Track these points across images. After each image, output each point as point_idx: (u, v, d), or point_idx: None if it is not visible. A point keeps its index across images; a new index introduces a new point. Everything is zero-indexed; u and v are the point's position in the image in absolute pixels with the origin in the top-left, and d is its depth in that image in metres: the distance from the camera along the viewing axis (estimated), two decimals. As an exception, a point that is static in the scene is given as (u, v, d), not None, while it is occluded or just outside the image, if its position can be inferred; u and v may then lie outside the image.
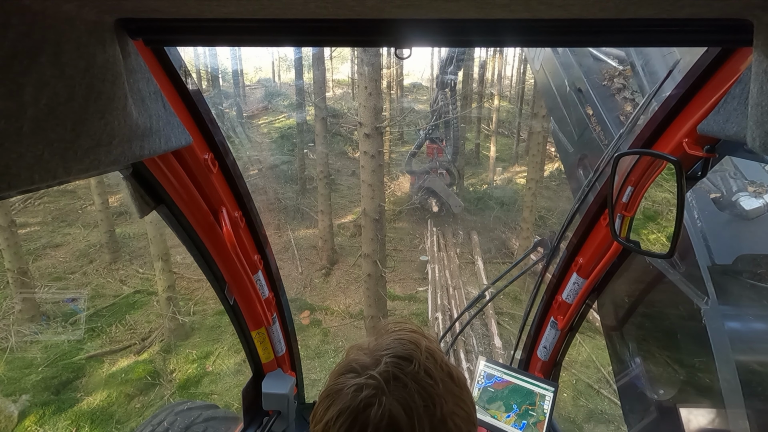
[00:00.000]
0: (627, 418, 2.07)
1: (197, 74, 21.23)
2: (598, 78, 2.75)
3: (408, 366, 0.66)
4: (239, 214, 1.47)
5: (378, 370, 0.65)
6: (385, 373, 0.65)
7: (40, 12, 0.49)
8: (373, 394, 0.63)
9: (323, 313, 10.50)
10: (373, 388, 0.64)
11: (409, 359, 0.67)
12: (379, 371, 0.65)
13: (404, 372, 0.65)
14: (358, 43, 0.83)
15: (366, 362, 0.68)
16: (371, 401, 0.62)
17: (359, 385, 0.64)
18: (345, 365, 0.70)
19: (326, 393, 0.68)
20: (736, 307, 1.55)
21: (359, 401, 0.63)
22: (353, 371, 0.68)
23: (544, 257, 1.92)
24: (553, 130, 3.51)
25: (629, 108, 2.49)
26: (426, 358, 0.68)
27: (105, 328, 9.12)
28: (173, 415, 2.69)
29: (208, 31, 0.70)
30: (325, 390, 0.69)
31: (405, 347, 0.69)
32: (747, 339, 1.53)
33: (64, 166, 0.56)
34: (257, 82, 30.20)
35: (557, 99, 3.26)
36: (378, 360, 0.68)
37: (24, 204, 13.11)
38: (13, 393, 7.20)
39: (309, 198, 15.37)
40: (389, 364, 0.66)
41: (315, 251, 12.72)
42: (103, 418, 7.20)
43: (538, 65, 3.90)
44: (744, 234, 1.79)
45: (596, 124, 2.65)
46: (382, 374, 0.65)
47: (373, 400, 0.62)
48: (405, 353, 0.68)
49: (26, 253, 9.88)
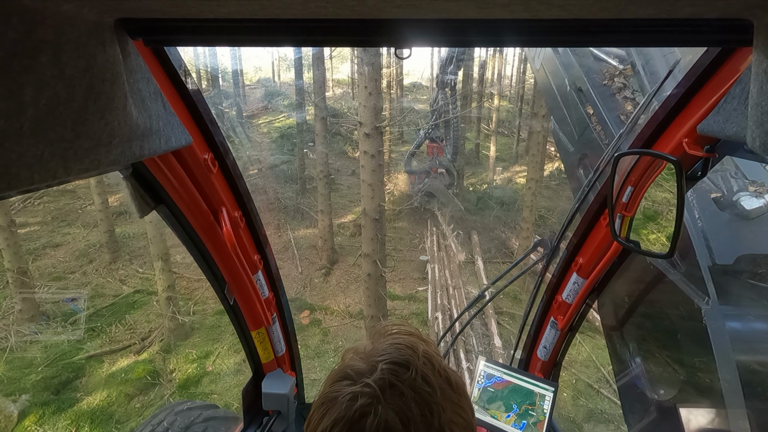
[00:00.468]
0: (627, 417, 2.07)
1: (197, 74, 21.24)
2: (599, 77, 2.75)
3: (405, 373, 0.64)
4: (239, 214, 1.46)
5: (374, 378, 0.64)
6: (381, 381, 0.63)
7: (40, 12, 0.49)
8: (368, 403, 0.61)
9: (323, 313, 10.51)
10: (368, 397, 0.62)
11: (405, 366, 0.65)
12: (375, 379, 0.63)
13: (401, 379, 0.64)
14: (358, 43, 0.83)
15: (361, 368, 0.66)
16: (367, 410, 0.61)
17: (354, 393, 0.63)
18: (340, 371, 0.69)
19: (321, 400, 0.66)
20: (736, 307, 1.55)
21: (354, 411, 0.61)
22: (348, 378, 0.66)
23: (544, 257, 1.92)
24: (554, 130, 3.51)
25: (629, 107, 2.49)
26: (423, 363, 0.66)
27: (105, 327, 9.13)
28: (173, 415, 2.68)
29: (208, 31, 0.70)
30: (320, 397, 0.67)
31: (402, 353, 0.67)
32: (748, 339, 1.52)
33: (64, 166, 0.56)
34: (257, 81, 30.22)
35: (558, 98, 3.26)
36: (374, 366, 0.66)
37: (24, 204, 13.12)
38: (12, 393, 7.21)
39: (309, 198, 15.38)
40: (385, 371, 0.64)
41: (315, 251, 12.73)
42: (103, 417, 7.21)
43: (538, 65, 3.90)
44: (745, 234, 1.79)
45: (597, 123, 2.65)
46: (377, 382, 0.63)
47: (368, 409, 0.61)
48: (402, 359, 0.66)
49: (26, 253, 9.89)
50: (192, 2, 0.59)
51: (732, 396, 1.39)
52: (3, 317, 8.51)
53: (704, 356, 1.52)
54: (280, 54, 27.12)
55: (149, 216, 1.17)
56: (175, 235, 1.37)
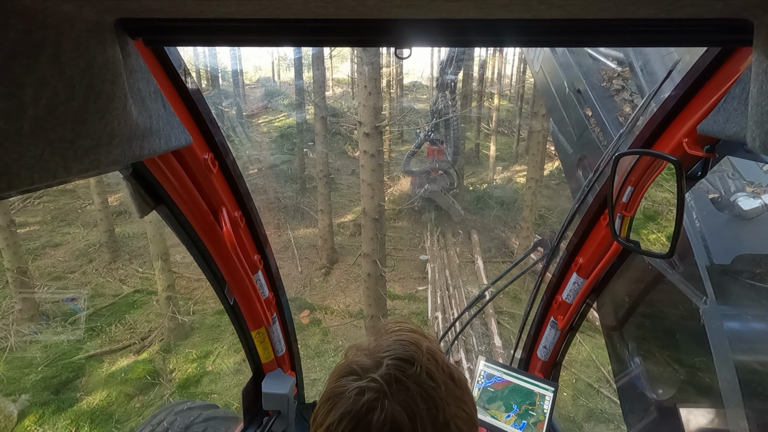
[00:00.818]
0: (627, 417, 2.07)
1: (197, 74, 21.22)
2: (597, 79, 2.74)
3: (410, 368, 0.65)
4: (239, 214, 1.46)
5: (379, 373, 0.64)
6: (387, 376, 0.64)
7: (40, 12, 0.49)
8: (375, 398, 0.62)
9: (323, 313, 10.51)
10: (375, 392, 0.62)
11: (410, 361, 0.66)
12: (381, 374, 0.64)
13: (406, 374, 0.64)
14: (358, 43, 0.83)
15: (367, 364, 0.67)
16: (373, 405, 0.61)
17: (361, 388, 0.63)
18: (345, 367, 0.69)
19: (327, 396, 0.67)
20: (734, 307, 1.56)
21: (361, 405, 0.62)
22: (354, 373, 0.66)
23: (544, 257, 1.93)
24: (553, 131, 3.51)
25: (628, 109, 2.49)
26: (427, 359, 0.67)
27: (104, 327, 9.14)
28: (173, 415, 2.68)
29: (208, 31, 0.70)
30: (326, 392, 0.68)
31: (406, 349, 0.68)
32: (746, 339, 1.53)
33: (64, 166, 0.56)
34: (257, 81, 30.20)
35: (557, 100, 3.25)
36: (379, 362, 0.66)
37: (23, 203, 13.11)
38: (12, 393, 7.21)
39: (309, 197, 15.37)
40: (390, 367, 0.65)
41: (315, 250, 12.72)
42: (103, 417, 7.21)
43: (537, 66, 3.90)
44: (743, 234, 1.78)
45: (595, 125, 2.65)
46: (383, 377, 0.64)
47: (375, 404, 0.61)
48: (406, 355, 0.67)
49: (26, 253, 9.88)
50: (192, 2, 0.59)
51: (730, 395, 1.39)
52: (3, 317, 8.51)
53: (703, 356, 1.51)
54: (280, 54, 27.16)
55: (149, 216, 1.17)
56: (175, 235, 1.37)
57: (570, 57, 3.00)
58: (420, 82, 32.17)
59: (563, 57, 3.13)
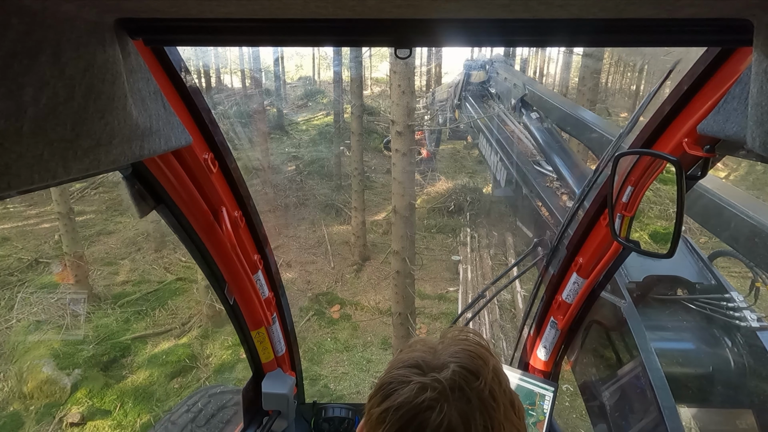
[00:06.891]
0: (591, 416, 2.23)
1: (242, 73, 22.03)
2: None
3: (474, 381, 0.65)
4: (239, 214, 1.47)
5: (443, 376, 0.64)
6: (451, 381, 0.64)
7: (40, 12, 0.49)
8: (435, 398, 0.62)
9: (353, 308, 10.63)
10: (437, 392, 0.62)
11: (476, 374, 0.65)
12: (445, 377, 0.64)
13: (470, 386, 0.64)
14: (358, 43, 0.82)
15: (432, 363, 0.67)
16: (432, 405, 0.61)
17: (424, 384, 0.63)
18: (411, 358, 0.69)
19: (388, 380, 0.67)
20: (645, 306, 2.09)
21: (422, 400, 0.62)
22: (419, 368, 0.66)
23: (544, 257, 1.91)
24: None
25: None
26: (492, 378, 0.66)
27: (149, 311, 9.69)
28: (207, 397, 2.85)
29: (209, 31, 0.71)
30: (387, 377, 0.68)
31: (474, 361, 0.67)
32: (658, 327, 2.03)
33: (64, 166, 0.56)
34: (298, 79, 30.84)
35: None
36: (445, 365, 0.66)
37: (81, 193, 14.18)
38: (66, 367, 7.84)
39: (344, 194, 15.57)
40: (456, 374, 0.65)
41: (347, 247, 12.88)
42: (145, 395, 7.69)
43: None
44: (651, 261, 2.18)
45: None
46: (447, 381, 0.63)
47: (434, 404, 0.61)
48: (473, 367, 0.66)
49: (82, 239, 10.68)
50: (192, 2, 0.60)
51: (654, 373, 1.67)
52: (60, 297, 9.27)
53: (629, 347, 1.87)
54: (320, 53, 27.60)
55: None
56: (174, 234, 1.37)
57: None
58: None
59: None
